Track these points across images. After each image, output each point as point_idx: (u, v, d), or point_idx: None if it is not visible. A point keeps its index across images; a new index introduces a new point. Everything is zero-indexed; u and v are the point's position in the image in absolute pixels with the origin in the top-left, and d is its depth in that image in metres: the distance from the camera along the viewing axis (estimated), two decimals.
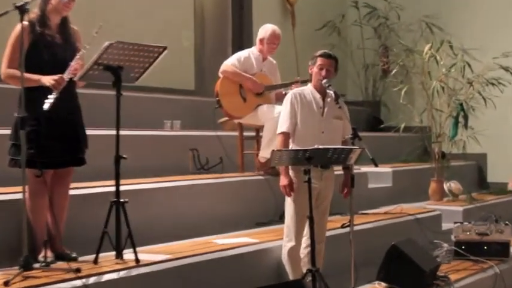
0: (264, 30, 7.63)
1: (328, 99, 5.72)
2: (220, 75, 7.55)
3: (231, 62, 7.55)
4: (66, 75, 4.92)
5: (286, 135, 5.62)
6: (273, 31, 7.58)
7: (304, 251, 5.68)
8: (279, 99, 7.42)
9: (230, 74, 7.50)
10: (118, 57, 4.95)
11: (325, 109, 5.70)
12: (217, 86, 7.53)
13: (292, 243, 5.63)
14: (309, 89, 5.75)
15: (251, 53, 7.65)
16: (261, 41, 7.60)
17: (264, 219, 7.11)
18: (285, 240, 5.69)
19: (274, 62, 7.82)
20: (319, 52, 5.74)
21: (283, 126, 5.64)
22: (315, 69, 5.68)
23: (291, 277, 5.65)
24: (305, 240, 5.67)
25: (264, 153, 7.31)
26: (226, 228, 6.64)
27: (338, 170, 5.87)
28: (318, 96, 5.71)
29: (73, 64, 4.94)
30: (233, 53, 8.24)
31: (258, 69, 7.61)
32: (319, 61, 5.67)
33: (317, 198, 5.54)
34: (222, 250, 5.73)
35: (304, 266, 5.62)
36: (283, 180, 5.54)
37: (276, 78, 7.76)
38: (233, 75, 7.49)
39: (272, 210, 7.10)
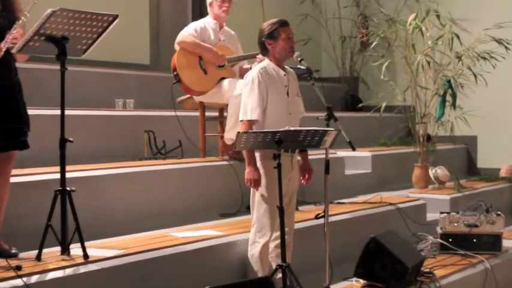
0: None
1: (290, 75, 5.76)
2: (177, 47, 7.57)
3: (188, 32, 7.58)
4: (4, 44, 4.87)
5: (254, 123, 5.57)
6: None
7: (271, 245, 5.71)
8: (243, 76, 7.44)
9: (188, 45, 7.52)
10: (62, 27, 4.91)
11: (289, 87, 5.73)
12: (173, 60, 7.55)
13: (267, 239, 5.64)
14: (270, 66, 5.73)
15: (206, 22, 7.70)
16: (211, 4, 7.70)
17: (229, 209, 7.14)
18: (256, 236, 5.68)
19: (233, 32, 7.88)
20: (276, 22, 5.67)
21: (253, 112, 5.55)
22: (281, 42, 5.64)
23: (260, 275, 5.66)
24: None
25: (230, 134, 7.32)
26: (187, 220, 6.65)
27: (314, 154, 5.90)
28: (282, 73, 5.72)
29: (12, 32, 4.89)
30: (194, 21, 8.22)
31: (216, 38, 7.67)
32: (284, 31, 5.64)
33: (287, 185, 5.57)
34: (182, 244, 5.73)
35: (273, 262, 5.66)
36: (252, 173, 5.50)
37: (237, 50, 7.81)
38: (192, 46, 7.52)
39: (238, 199, 7.12)
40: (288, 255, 5.48)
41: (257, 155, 5.57)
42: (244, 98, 5.65)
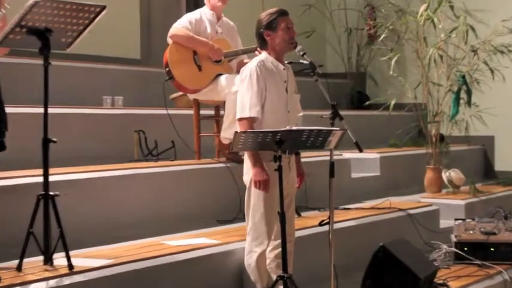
0: None
1: (289, 71, 5.75)
2: (170, 40, 7.55)
3: (181, 25, 7.56)
4: None
5: (253, 121, 5.53)
6: None
7: (270, 255, 5.69)
8: None
9: (182, 39, 7.51)
10: (46, 18, 4.89)
11: (288, 83, 5.71)
12: (166, 54, 7.52)
13: (263, 247, 5.61)
14: (269, 59, 5.68)
15: (202, 13, 7.68)
16: None
17: (227, 215, 7.11)
18: (252, 245, 5.64)
19: (232, 23, 7.87)
20: (275, 12, 5.64)
21: (253, 109, 5.50)
22: (280, 33, 5.59)
23: (259, 286, 5.65)
24: (270, 243, 5.67)
25: (227, 133, 7.30)
26: (181, 227, 6.64)
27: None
28: (281, 67, 5.69)
29: None
30: (188, 11, 8.24)
31: (213, 31, 7.65)
32: (283, 20, 5.60)
33: (285, 188, 5.53)
34: (175, 253, 5.71)
35: (273, 273, 5.64)
36: (260, 175, 5.44)
37: (236, 44, 7.79)
38: (186, 40, 7.50)
39: (235, 204, 7.07)
40: (289, 265, 5.45)
41: None
42: (242, 94, 5.59)
